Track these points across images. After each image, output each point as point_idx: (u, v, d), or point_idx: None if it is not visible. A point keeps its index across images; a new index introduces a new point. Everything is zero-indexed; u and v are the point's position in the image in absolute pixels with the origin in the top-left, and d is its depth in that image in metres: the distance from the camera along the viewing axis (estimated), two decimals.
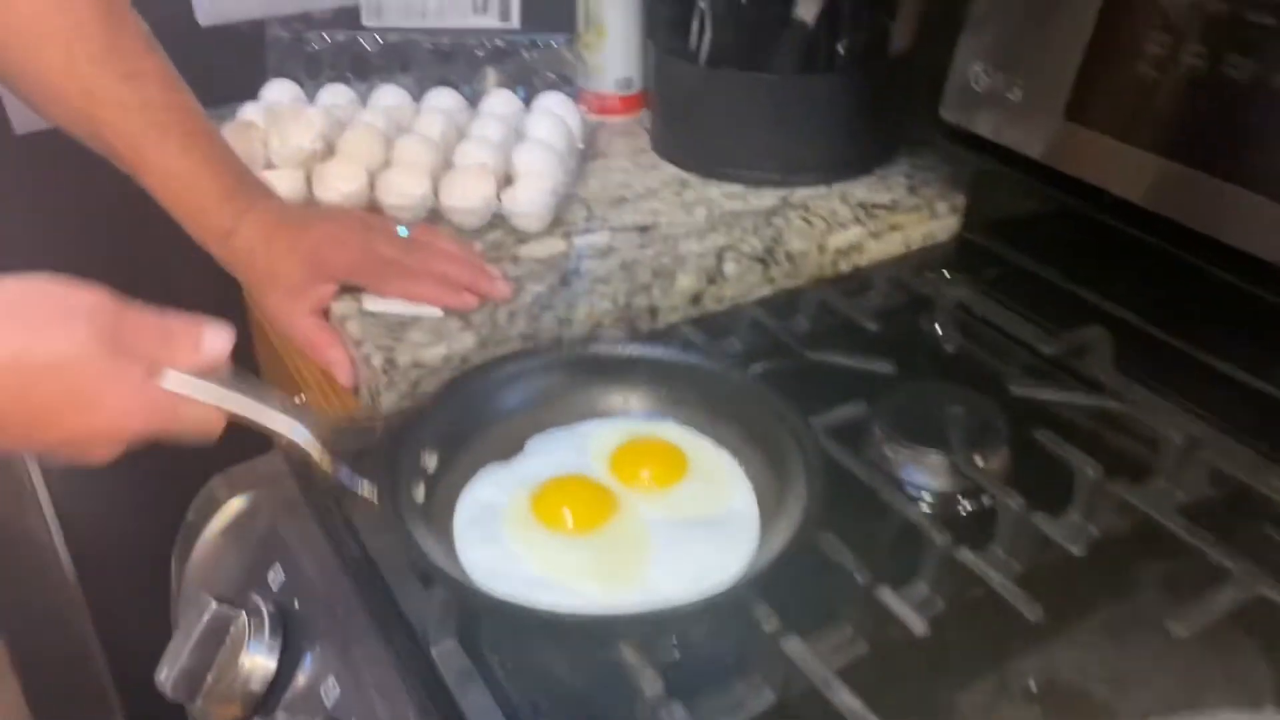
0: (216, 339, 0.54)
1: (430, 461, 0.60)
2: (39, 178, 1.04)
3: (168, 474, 0.82)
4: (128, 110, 0.70)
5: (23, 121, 1.01)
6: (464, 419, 0.64)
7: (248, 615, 0.57)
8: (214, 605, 0.57)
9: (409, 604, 0.57)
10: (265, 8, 1.04)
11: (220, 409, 0.54)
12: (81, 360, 0.49)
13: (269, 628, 0.57)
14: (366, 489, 0.56)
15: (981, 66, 0.79)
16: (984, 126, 0.80)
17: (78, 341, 0.49)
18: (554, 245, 0.84)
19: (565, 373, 0.67)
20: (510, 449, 0.64)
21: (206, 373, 0.53)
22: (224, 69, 0.97)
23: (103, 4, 0.69)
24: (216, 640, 0.57)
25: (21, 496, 1.19)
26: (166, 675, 0.57)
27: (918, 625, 0.53)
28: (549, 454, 0.64)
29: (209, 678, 0.57)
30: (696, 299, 0.81)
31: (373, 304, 0.75)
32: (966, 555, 0.57)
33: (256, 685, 0.57)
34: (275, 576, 0.61)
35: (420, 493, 0.59)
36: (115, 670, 1.34)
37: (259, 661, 0.57)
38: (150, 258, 1.02)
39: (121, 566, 1.19)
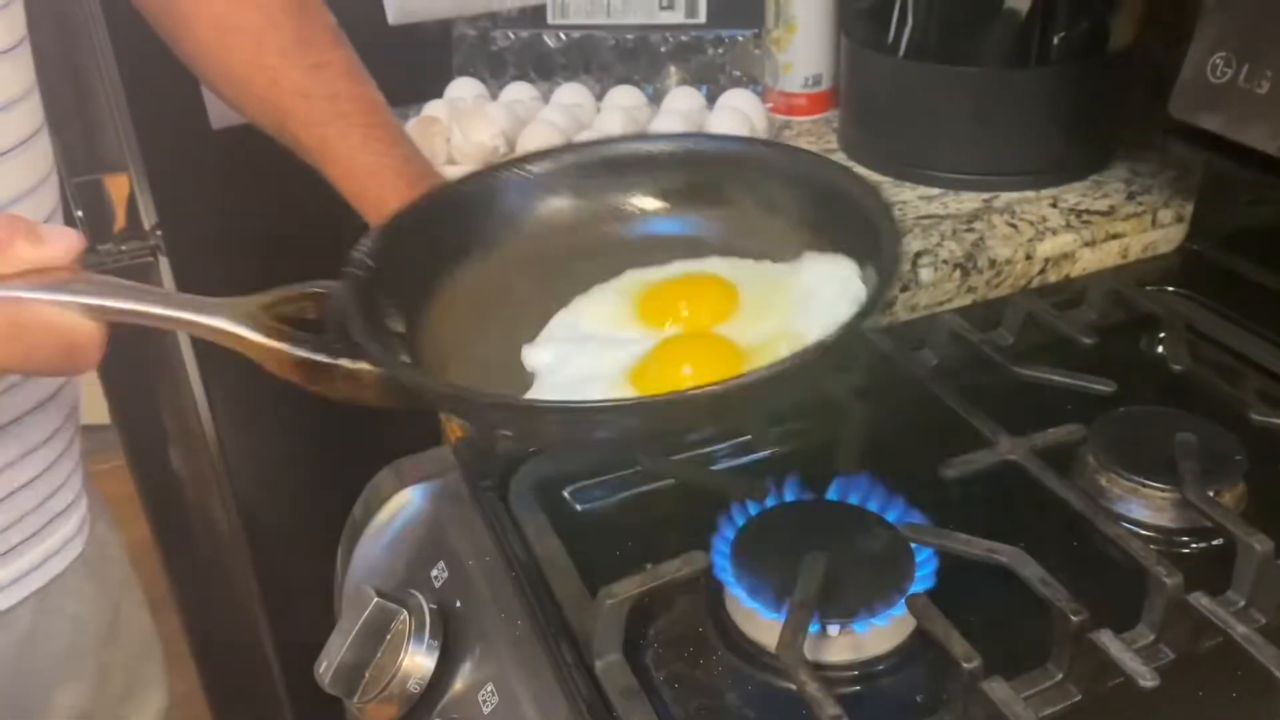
0: (61, 233, 0.43)
1: (396, 323, 0.50)
2: (234, 171, 1.08)
3: (341, 462, 0.82)
4: (312, 101, 0.70)
5: (219, 116, 1.05)
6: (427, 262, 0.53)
7: (409, 613, 0.55)
8: (376, 600, 0.56)
9: (574, 613, 0.54)
10: (453, 6, 1.05)
11: (97, 309, 0.41)
12: None
13: (429, 627, 0.55)
14: (352, 361, 0.45)
15: (1223, 57, 0.71)
16: (1222, 123, 0.72)
17: None
18: None
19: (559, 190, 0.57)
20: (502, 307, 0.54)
21: (53, 275, 0.41)
22: (412, 67, 0.98)
23: None
24: (377, 637, 0.55)
25: (205, 481, 1.24)
26: (326, 668, 0.56)
27: (1145, 676, 0.46)
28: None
29: (367, 674, 0.55)
30: (888, 306, 0.76)
31: None
32: (1201, 600, 0.50)
33: (414, 686, 0.55)
34: (438, 574, 0.59)
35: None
36: (283, 658, 1.37)
37: (418, 662, 0.55)
38: (334, 250, 1.04)
39: (294, 554, 1.22)
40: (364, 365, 0.45)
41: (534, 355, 0.53)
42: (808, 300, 0.52)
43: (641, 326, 0.53)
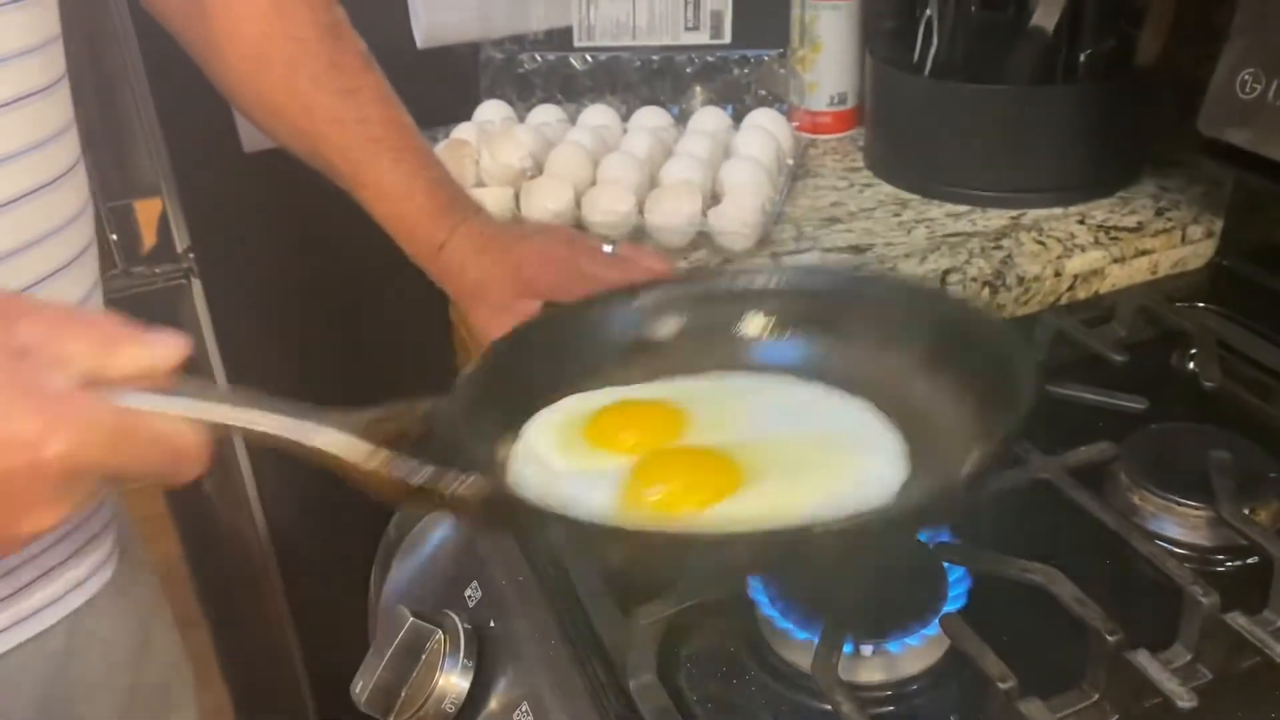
0: (167, 339, 0.41)
1: (501, 447, 0.48)
2: (266, 194, 1.09)
3: None
4: (344, 126, 0.71)
5: (251, 140, 1.06)
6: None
7: (444, 633, 0.55)
8: (411, 621, 0.56)
9: (607, 633, 0.54)
10: (481, 30, 1.06)
11: (203, 420, 0.40)
12: None
13: (464, 647, 0.55)
14: (461, 481, 0.42)
15: (1251, 73, 0.70)
16: (1249, 139, 0.72)
17: None
18: (761, 265, 0.80)
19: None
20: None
21: (158, 381, 0.40)
22: (440, 90, 0.99)
23: (324, 24, 0.71)
24: (412, 656, 0.56)
25: (236, 500, 1.24)
26: (362, 688, 0.56)
27: (1183, 696, 0.46)
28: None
29: (403, 694, 0.56)
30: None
31: None
32: (1238, 620, 0.50)
33: (450, 706, 0.55)
34: (472, 594, 0.60)
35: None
36: (313, 676, 1.38)
37: (453, 681, 0.55)
38: (364, 272, 1.05)
39: (324, 573, 1.23)
40: (469, 486, 0.42)
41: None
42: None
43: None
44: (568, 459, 0.48)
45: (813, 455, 0.48)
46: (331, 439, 0.42)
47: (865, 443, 0.49)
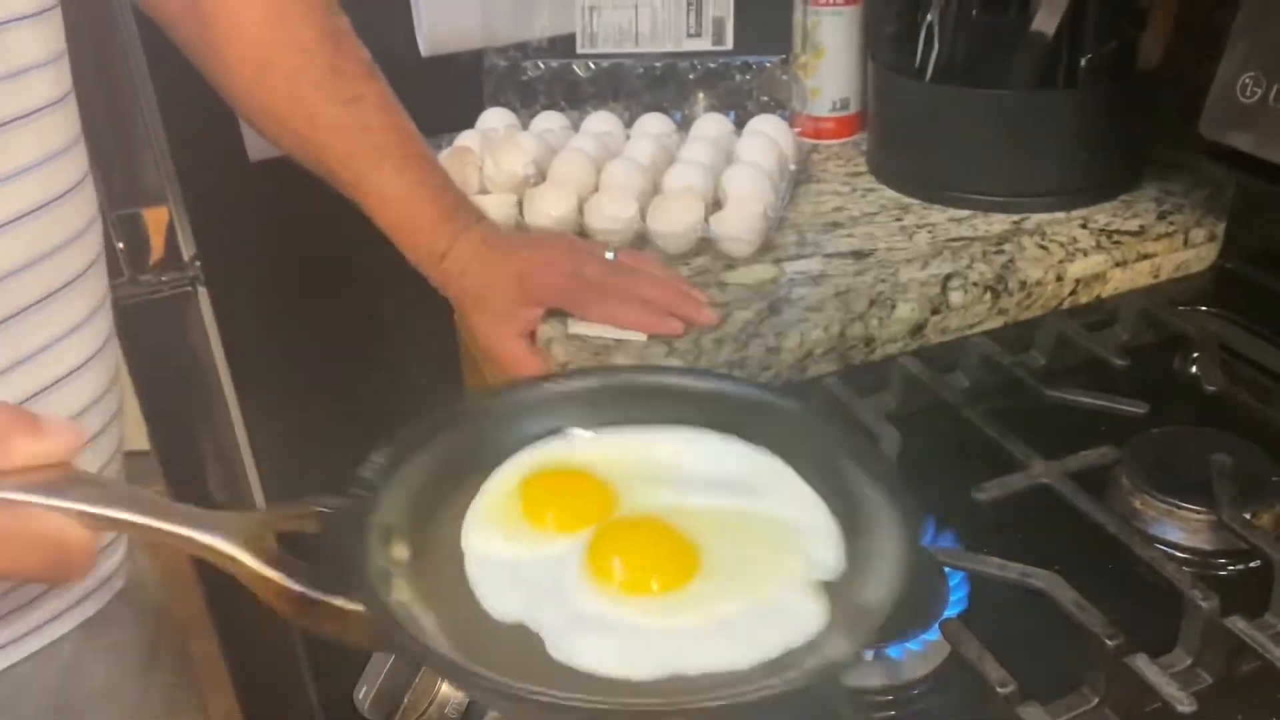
0: (61, 429, 0.39)
1: (401, 552, 0.45)
2: (271, 202, 1.10)
3: None
4: (347, 134, 0.71)
5: (256, 149, 1.07)
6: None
7: None
8: None
9: None
10: (484, 38, 1.07)
11: (92, 516, 0.38)
12: None
13: None
14: (345, 600, 0.40)
15: (1252, 76, 0.70)
16: (1250, 142, 0.72)
17: None
18: (763, 271, 0.81)
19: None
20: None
21: (48, 474, 0.38)
22: (444, 97, 1.00)
23: (326, 32, 0.71)
24: (415, 663, 0.56)
25: (242, 507, 1.25)
26: (365, 694, 0.57)
27: (1182, 701, 0.46)
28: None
29: (405, 700, 0.56)
30: (918, 329, 0.76)
31: (578, 327, 0.74)
32: (1238, 624, 0.50)
33: (452, 711, 0.55)
34: None
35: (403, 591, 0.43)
36: (319, 684, 1.38)
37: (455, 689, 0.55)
38: (370, 280, 1.05)
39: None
40: (356, 607, 0.40)
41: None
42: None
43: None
44: (514, 544, 0.46)
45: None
46: (220, 541, 0.40)
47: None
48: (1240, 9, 0.72)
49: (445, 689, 0.55)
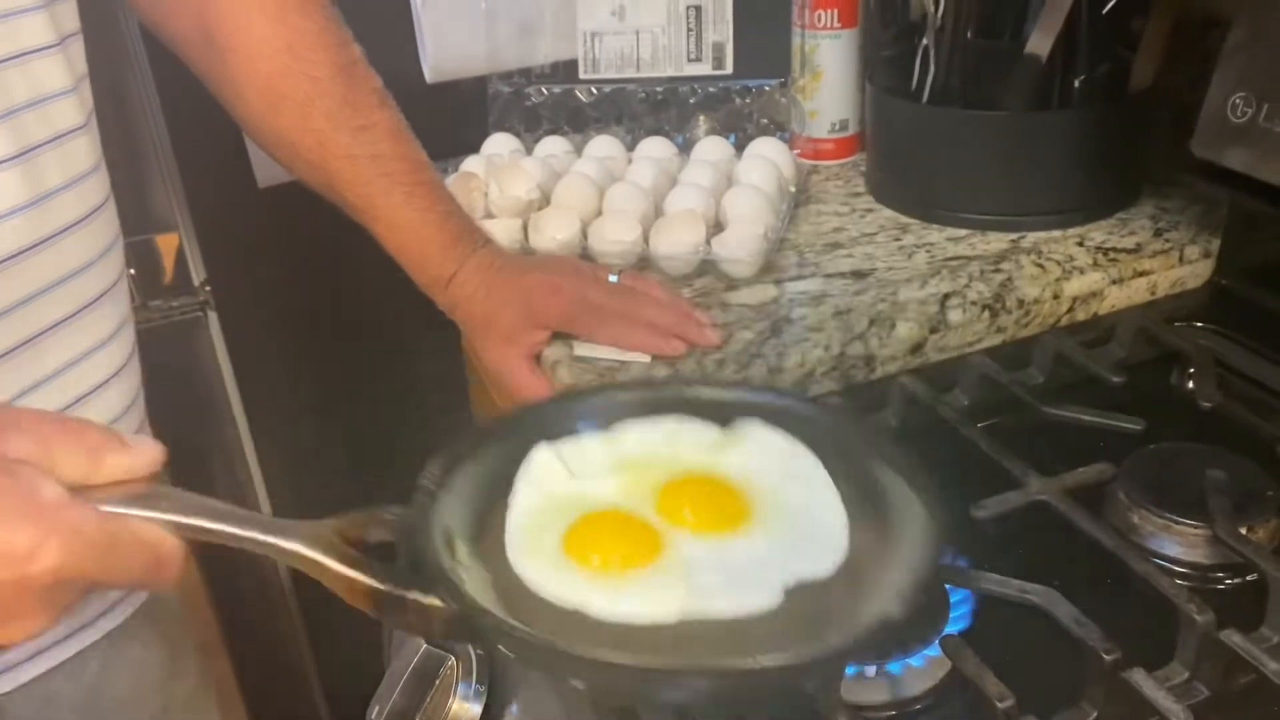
0: (146, 446, 0.42)
1: (462, 552, 0.47)
2: (280, 228, 1.11)
3: None
4: (358, 161, 0.72)
5: (265, 176, 1.08)
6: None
7: (456, 659, 0.57)
8: (425, 647, 0.57)
9: None
10: (488, 64, 1.08)
11: (183, 526, 0.41)
12: None
13: (476, 673, 0.56)
14: (426, 596, 0.43)
15: (1242, 97, 0.72)
16: (1242, 162, 0.73)
17: None
18: (764, 292, 0.82)
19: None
20: None
21: (139, 488, 0.41)
22: (449, 123, 1.01)
23: (339, 63, 0.72)
24: (426, 682, 0.57)
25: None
26: (378, 714, 0.58)
27: (1179, 714, 0.47)
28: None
29: (417, 719, 0.57)
30: (917, 348, 0.77)
31: (583, 349, 0.75)
32: (1234, 638, 0.51)
33: None
34: None
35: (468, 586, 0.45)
36: (331, 703, 1.39)
37: (466, 707, 0.56)
38: (378, 304, 1.06)
39: (341, 602, 1.24)
40: (434, 601, 0.43)
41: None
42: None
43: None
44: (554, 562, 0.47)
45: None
46: (302, 546, 0.43)
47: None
48: (1230, 31, 0.74)
49: (457, 707, 0.56)
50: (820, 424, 0.54)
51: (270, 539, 0.43)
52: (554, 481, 0.51)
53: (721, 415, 0.54)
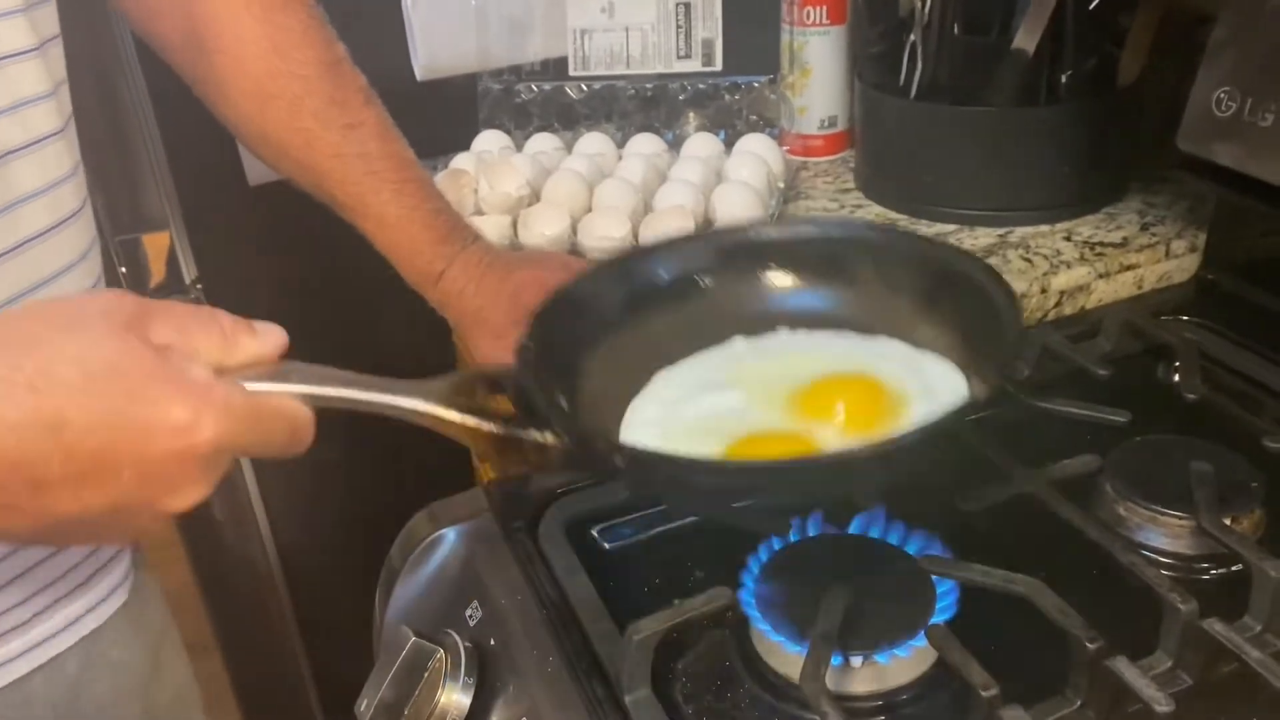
0: (272, 330, 0.46)
1: (561, 398, 0.53)
2: (271, 226, 1.11)
3: (378, 505, 0.84)
4: (346, 159, 0.72)
5: (256, 174, 1.08)
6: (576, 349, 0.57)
7: (445, 652, 0.57)
8: (413, 640, 0.57)
9: (604, 648, 0.55)
10: (478, 62, 1.08)
11: (313, 397, 0.45)
12: (120, 363, 0.40)
13: (465, 665, 0.57)
14: (544, 435, 0.48)
15: (1227, 91, 0.72)
16: (1228, 156, 0.73)
17: (106, 343, 0.40)
18: None
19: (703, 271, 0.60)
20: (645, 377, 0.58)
21: (269, 366, 0.45)
22: (439, 121, 1.01)
23: (326, 61, 0.72)
24: (415, 675, 0.57)
25: (244, 525, 1.26)
26: (366, 707, 0.58)
27: (1160, 701, 0.47)
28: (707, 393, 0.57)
29: (406, 712, 0.57)
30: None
31: None
32: (1216, 627, 0.51)
33: None
34: (473, 613, 0.61)
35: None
36: (322, 695, 1.39)
37: (454, 699, 0.56)
38: (369, 302, 1.07)
39: (332, 595, 1.24)
40: (550, 438, 0.48)
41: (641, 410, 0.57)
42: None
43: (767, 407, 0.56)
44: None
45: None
46: (425, 404, 0.47)
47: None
48: (1215, 26, 0.74)
49: (446, 699, 0.56)
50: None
51: (392, 399, 0.46)
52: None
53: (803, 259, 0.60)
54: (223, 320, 0.44)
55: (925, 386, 0.54)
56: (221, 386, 0.42)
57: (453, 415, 0.47)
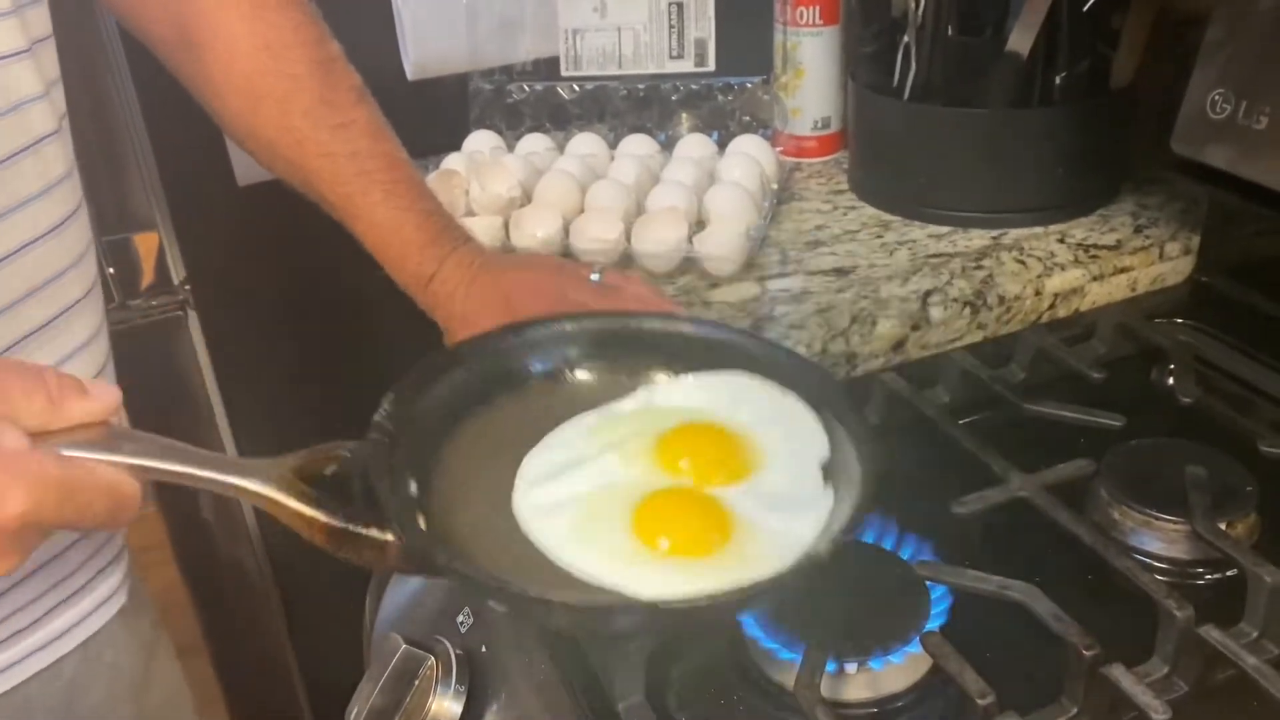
0: (104, 390, 0.43)
1: (411, 486, 0.48)
2: (260, 226, 1.10)
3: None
4: (336, 159, 0.72)
5: (245, 174, 1.08)
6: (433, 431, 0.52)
7: (436, 659, 0.56)
8: (404, 647, 0.57)
9: (596, 656, 0.55)
10: (469, 61, 1.08)
11: (141, 468, 0.42)
12: None
13: (456, 672, 0.56)
14: (382, 531, 0.44)
15: (1221, 94, 0.72)
16: (1221, 159, 0.73)
17: None
18: (746, 289, 0.82)
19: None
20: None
21: (99, 431, 0.42)
22: (430, 121, 1.01)
23: (318, 61, 0.72)
24: (406, 682, 0.56)
25: (236, 529, 1.25)
26: (357, 714, 0.57)
27: (1157, 709, 0.47)
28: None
29: (396, 718, 0.56)
30: (899, 345, 0.77)
31: None
32: (1212, 633, 0.51)
33: None
34: (464, 621, 0.61)
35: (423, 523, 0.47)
36: (313, 703, 1.38)
37: (445, 706, 0.56)
38: (359, 303, 1.06)
39: (322, 601, 1.23)
40: (389, 536, 0.44)
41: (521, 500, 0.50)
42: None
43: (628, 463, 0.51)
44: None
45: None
46: (259, 485, 0.43)
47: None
48: (1209, 28, 0.74)
49: (437, 706, 0.55)
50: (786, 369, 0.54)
51: (227, 478, 0.43)
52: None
53: (678, 355, 0.55)
54: (49, 380, 0.42)
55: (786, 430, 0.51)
56: (35, 455, 0.39)
57: (291, 503, 0.43)
